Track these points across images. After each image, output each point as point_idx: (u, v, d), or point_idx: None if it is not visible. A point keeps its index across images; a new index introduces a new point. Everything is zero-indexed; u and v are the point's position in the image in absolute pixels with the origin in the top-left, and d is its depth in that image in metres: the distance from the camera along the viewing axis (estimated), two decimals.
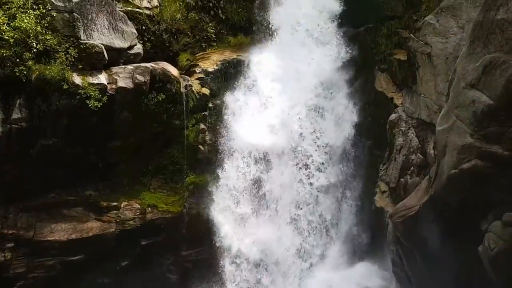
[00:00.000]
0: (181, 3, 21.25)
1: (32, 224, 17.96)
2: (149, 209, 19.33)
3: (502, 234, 12.52)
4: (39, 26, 16.72)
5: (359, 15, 19.52)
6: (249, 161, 19.75)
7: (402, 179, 17.08)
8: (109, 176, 19.23)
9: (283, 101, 19.92)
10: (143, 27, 20.36)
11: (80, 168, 18.32)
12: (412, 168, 16.85)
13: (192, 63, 20.72)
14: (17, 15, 16.57)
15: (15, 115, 16.96)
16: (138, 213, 19.19)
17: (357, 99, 19.77)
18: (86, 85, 17.26)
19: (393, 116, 17.74)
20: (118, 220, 18.90)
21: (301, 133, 19.65)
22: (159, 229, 19.30)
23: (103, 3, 17.89)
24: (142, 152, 19.40)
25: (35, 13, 16.75)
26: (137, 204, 19.30)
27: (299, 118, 19.71)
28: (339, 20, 20.08)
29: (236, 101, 20.00)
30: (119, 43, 18.36)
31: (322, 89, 19.98)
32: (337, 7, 20.10)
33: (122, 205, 19.11)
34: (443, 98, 14.73)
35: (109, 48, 17.98)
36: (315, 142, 19.73)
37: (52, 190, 18.28)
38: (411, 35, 16.90)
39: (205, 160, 19.81)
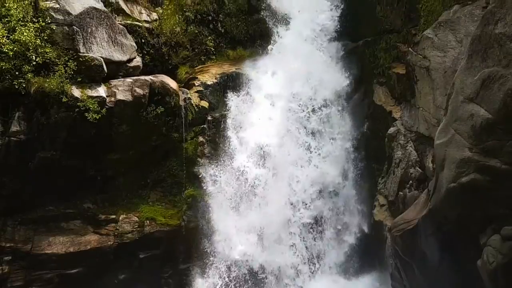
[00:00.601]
0: (180, 17, 21.32)
1: (30, 237, 17.89)
2: (148, 222, 19.25)
3: (501, 248, 12.49)
4: (38, 39, 16.72)
5: (358, 29, 19.56)
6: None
7: (401, 193, 17.06)
8: (107, 189, 19.20)
9: (274, 208, 18.45)
10: (143, 40, 20.43)
11: (78, 181, 18.30)
12: (410, 181, 16.83)
13: (191, 76, 20.73)
14: (16, 28, 16.58)
15: (14, 127, 16.95)
16: (136, 226, 19.13)
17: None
18: (85, 97, 17.26)
19: (391, 130, 17.73)
20: (116, 233, 18.85)
21: (296, 267, 18.48)
22: (157, 242, 19.20)
23: (103, 16, 17.93)
24: (140, 165, 19.38)
25: (34, 26, 16.75)
26: (135, 217, 19.24)
27: (292, 243, 18.46)
28: (345, 100, 19.00)
29: (213, 181, 19.02)
30: (118, 56, 18.39)
31: (321, 200, 18.91)
32: (341, 81, 19.10)
33: (120, 218, 19.05)
34: (442, 112, 14.74)
35: (108, 61, 17.99)
36: (312, 273, 18.67)
37: (50, 203, 18.24)
38: (410, 49, 16.93)
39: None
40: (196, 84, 20.08)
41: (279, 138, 18.85)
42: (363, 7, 19.14)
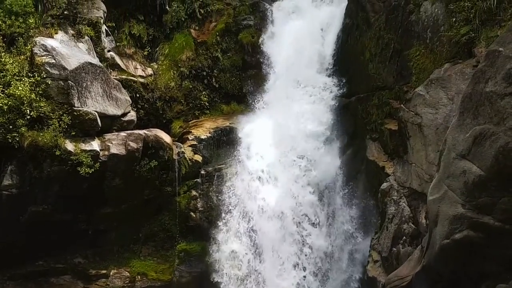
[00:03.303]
0: (175, 72, 21.58)
1: None
2: (139, 277, 19.05)
3: None
4: (33, 94, 16.73)
5: (351, 85, 19.76)
6: None
7: (395, 249, 16.94)
8: (99, 243, 19.05)
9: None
10: (137, 95, 20.62)
11: (70, 235, 18.16)
12: (404, 237, 16.74)
13: (185, 130, 20.85)
14: (12, 82, 16.63)
15: (6, 181, 16.88)
16: (127, 281, 18.91)
17: None
18: (79, 151, 17.24)
19: (384, 185, 17.72)
20: None
21: None
22: None
23: (98, 71, 18.08)
24: (133, 219, 19.28)
25: (30, 80, 16.81)
26: (126, 272, 19.04)
27: None
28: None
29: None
30: (113, 110, 18.47)
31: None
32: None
33: (111, 273, 18.86)
34: (434, 168, 14.77)
35: (102, 115, 18.05)
36: None
37: (40, 257, 18.08)
38: (402, 105, 17.05)
39: (197, 228, 19.61)
40: (190, 138, 20.17)
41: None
42: (355, 64, 19.37)
